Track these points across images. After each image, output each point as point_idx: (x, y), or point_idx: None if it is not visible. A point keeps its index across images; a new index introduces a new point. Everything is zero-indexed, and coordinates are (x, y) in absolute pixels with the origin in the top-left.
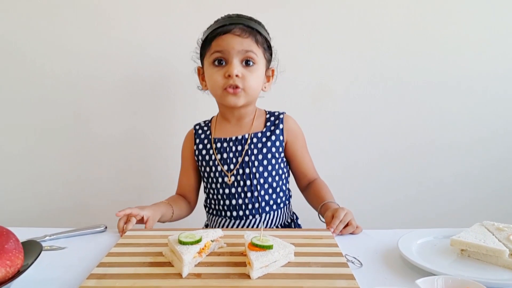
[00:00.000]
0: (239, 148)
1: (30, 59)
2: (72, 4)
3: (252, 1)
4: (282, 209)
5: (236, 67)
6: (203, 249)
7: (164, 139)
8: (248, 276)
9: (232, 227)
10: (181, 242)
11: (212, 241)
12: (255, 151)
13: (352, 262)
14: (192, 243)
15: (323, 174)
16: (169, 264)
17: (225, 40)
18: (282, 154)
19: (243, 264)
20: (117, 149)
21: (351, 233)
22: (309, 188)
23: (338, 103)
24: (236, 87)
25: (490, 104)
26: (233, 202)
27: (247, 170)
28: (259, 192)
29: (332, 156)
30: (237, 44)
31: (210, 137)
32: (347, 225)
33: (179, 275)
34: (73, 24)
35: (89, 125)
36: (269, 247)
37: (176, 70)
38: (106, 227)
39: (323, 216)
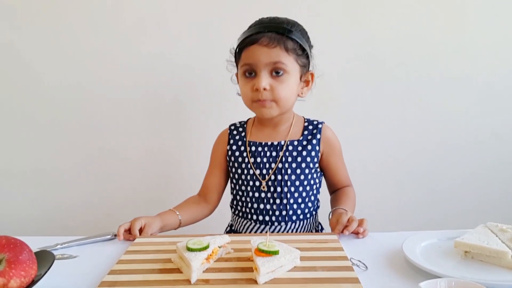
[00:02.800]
0: (274, 154)
1: (48, 73)
2: (93, 28)
3: (252, 3)
4: (309, 219)
5: (263, 80)
6: (210, 255)
7: (177, 148)
8: (255, 281)
9: (256, 231)
10: (189, 249)
11: (219, 247)
12: (290, 159)
13: (357, 266)
14: (200, 250)
15: None
16: (178, 270)
17: (252, 51)
18: (316, 165)
19: (250, 270)
20: (129, 159)
21: (357, 235)
22: (335, 193)
23: (342, 106)
24: (265, 100)
25: (497, 104)
26: (261, 206)
27: (279, 177)
28: (288, 200)
29: None
30: (264, 57)
31: (245, 139)
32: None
33: (188, 282)
34: (97, 41)
35: (101, 134)
36: (275, 253)
37: (197, 82)
38: (115, 235)
39: None
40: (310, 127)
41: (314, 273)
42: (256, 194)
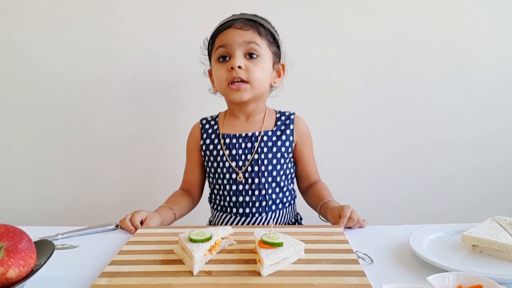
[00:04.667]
0: (249, 145)
1: (36, 60)
2: (80, 6)
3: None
4: (288, 208)
5: (238, 59)
6: (213, 246)
7: (171, 139)
8: (258, 274)
9: (237, 223)
10: (192, 240)
11: (222, 238)
12: (265, 149)
13: (363, 259)
14: (202, 241)
15: (332, 171)
16: (180, 261)
17: (226, 34)
18: (291, 155)
19: (254, 262)
20: (125, 149)
21: (359, 227)
22: (310, 189)
23: (347, 99)
24: (241, 80)
25: (499, 99)
26: (240, 199)
27: (256, 168)
28: (266, 190)
29: (341, 153)
30: (238, 37)
31: (218, 132)
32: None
33: (190, 273)
34: (80, 26)
35: (97, 126)
36: (279, 245)
37: (182, 70)
38: (117, 225)
39: (322, 215)
40: (283, 118)
41: (319, 265)
42: (234, 187)
